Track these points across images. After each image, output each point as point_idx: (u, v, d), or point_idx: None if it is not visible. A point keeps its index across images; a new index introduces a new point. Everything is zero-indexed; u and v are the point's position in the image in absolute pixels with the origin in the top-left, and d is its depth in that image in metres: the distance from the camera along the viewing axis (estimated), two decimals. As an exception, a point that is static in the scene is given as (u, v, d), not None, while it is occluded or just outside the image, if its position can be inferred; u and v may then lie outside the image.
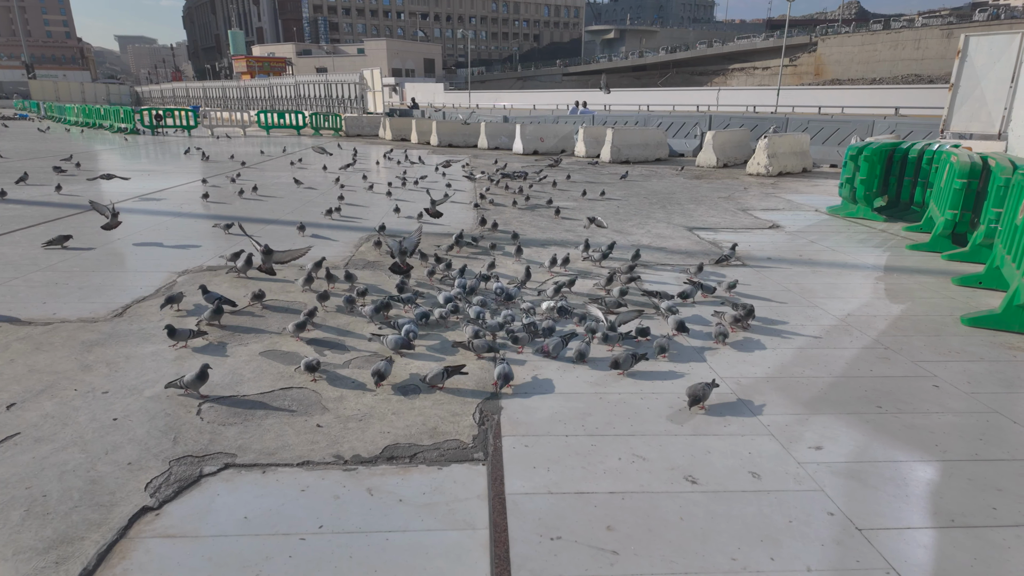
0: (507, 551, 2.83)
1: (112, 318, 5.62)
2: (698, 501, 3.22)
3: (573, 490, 3.29)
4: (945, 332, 5.68)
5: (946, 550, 2.91)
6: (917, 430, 3.96)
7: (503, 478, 3.37)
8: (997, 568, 2.79)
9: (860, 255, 8.51)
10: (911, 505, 3.25)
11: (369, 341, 5.20)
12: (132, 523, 2.99)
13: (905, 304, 6.47)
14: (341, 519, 3.03)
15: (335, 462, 3.51)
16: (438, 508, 3.12)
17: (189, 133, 30.53)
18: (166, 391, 4.24)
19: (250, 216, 10.23)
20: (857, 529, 3.03)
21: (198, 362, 4.73)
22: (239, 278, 6.86)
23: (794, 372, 4.79)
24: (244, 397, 4.25)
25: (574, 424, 3.94)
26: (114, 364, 4.68)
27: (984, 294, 6.75)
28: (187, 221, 9.97)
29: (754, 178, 16.44)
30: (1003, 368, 4.94)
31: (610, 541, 2.92)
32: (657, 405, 4.23)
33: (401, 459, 3.55)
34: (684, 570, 2.75)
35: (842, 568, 2.78)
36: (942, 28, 66.27)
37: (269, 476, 3.39)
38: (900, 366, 4.93)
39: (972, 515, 3.16)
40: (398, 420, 3.96)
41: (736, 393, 4.42)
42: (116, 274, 6.98)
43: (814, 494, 3.29)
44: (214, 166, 17.22)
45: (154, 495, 3.19)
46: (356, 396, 4.27)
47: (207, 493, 3.24)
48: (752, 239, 9.28)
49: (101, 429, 3.80)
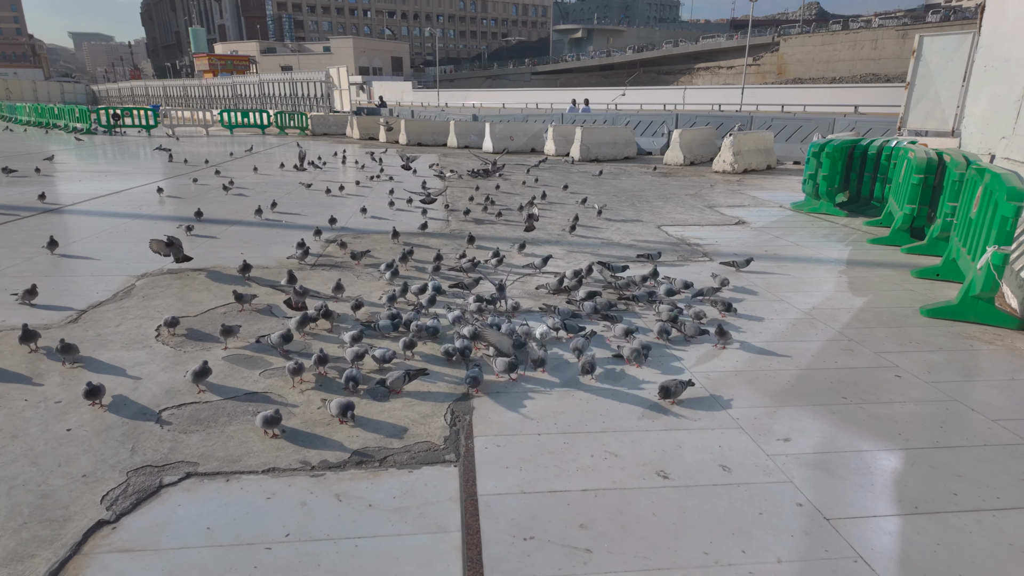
0: (480, 553, 2.79)
1: (67, 324, 5.39)
2: (670, 496, 3.23)
3: (546, 489, 3.27)
4: (906, 323, 5.83)
5: (910, 536, 2.97)
6: (881, 420, 4.04)
7: (475, 479, 3.33)
8: (959, 553, 2.86)
9: (823, 250, 8.70)
10: (876, 493, 3.31)
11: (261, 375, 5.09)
12: (87, 538, 2.86)
13: (867, 297, 6.63)
14: (308, 526, 2.95)
15: (302, 468, 3.42)
16: (409, 512, 3.06)
17: (149, 133, 29.66)
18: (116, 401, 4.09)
19: (212, 216, 9.96)
20: (825, 519, 3.07)
21: (160, 369, 4.57)
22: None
23: (762, 365, 4.85)
24: (207, 403, 4.12)
25: (547, 422, 3.92)
26: (68, 372, 4.49)
27: (942, 286, 6.95)
28: (146, 223, 9.66)
29: (720, 175, 16.69)
30: (961, 357, 5.09)
31: (584, 539, 2.90)
32: (629, 401, 4.23)
33: (371, 463, 3.47)
34: (657, 566, 2.75)
35: (811, 558, 2.81)
36: (897, 29, 68.39)
37: (233, 484, 3.28)
38: (864, 357, 5.03)
39: (934, 501, 3.23)
40: (367, 423, 3.88)
41: (706, 387, 4.46)
42: (71, 279, 6.71)
43: (783, 486, 3.33)
44: (182, 168, 16.74)
45: (110, 508, 3.06)
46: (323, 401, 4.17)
47: (167, 504, 3.12)
48: (719, 235, 9.41)
49: (54, 441, 3.64)
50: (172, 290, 6.34)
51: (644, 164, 19.30)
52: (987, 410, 4.19)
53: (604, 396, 4.30)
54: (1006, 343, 5.39)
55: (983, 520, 3.09)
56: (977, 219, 6.09)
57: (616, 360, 4.88)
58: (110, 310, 5.74)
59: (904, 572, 2.73)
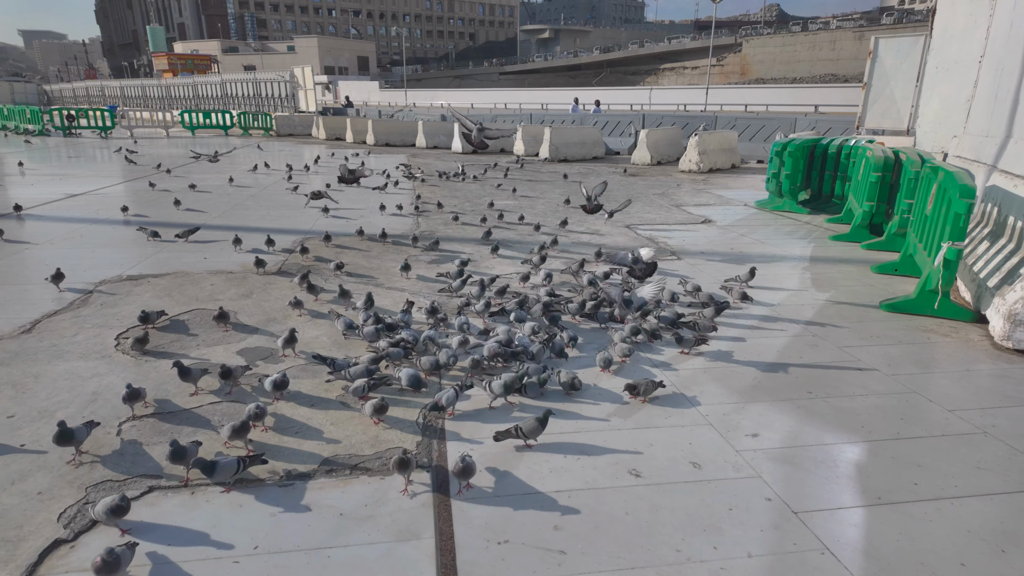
0: (453, 559, 2.77)
1: (19, 335, 5.18)
2: (642, 495, 3.25)
3: (519, 491, 3.26)
4: (867, 318, 6.00)
5: (874, 527, 3.05)
6: (844, 413, 4.14)
7: (448, 484, 3.30)
8: (920, 541, 2.94)
9: (787, 247, 8.89)
10: (841, 485, 3.39)
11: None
12: (43, 558, 2.75)
13: (830, 292, 6.80)
14: (278, 538, 2.89)
15: (270, 478, 3.34)
16: (381, 520, 3.02)
17: (105, 135, 28.72)
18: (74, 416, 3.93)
19: (174, 220, 9.69)
20: (793, 512, 3.13)
21: (120, 380, 4.43)
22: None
23: (730, 362, 4.93)
24: (170, 413, 4.00)
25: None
26: (21, 385, 4.31)
27: (900, 280, 7.17)
28: (104, 228, 9.35)
29: (686, 175, 16.94)
30: (918, 350, 5.25)
31: (557, 541, 2.90)
32: (601, 401, 4.26)
33: (341, 471, 3.42)
34: (631, 565, 2.77)
35: (780, 551, 2.87)
36: (854, 31, 70.40)
37: (199, 497, 3.19)
38: (827, 352, 5.16)
39: (896, 492, 3.33)
40: (337, 431, 3.82)
41: (676, 385, 4.51)
42: (23, 287, 6.45)
43: (752, 481, 3.39)
44: (145, 171, 16.25)
45: (68, 526, 2.95)
46: (291, 408, 4.09)
47: (129, 520, 3.01)
48: (686, 235, 9.54)
49: (5, 458, 3.48)
50: (131, 297, 6.14)
51: (612, 164, 19.47)
52: (944, 401, 4.33)
53: (576, 399, 4.31)
54: (961, 335, 5.59)
55: (943, 508, 3.19)
56: (932, 216, 6.30)
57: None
58: (66, 319, 5.53)
59: (869, 562, 2.81)
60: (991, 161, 7.26)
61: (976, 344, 5.39)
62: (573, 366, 4.77)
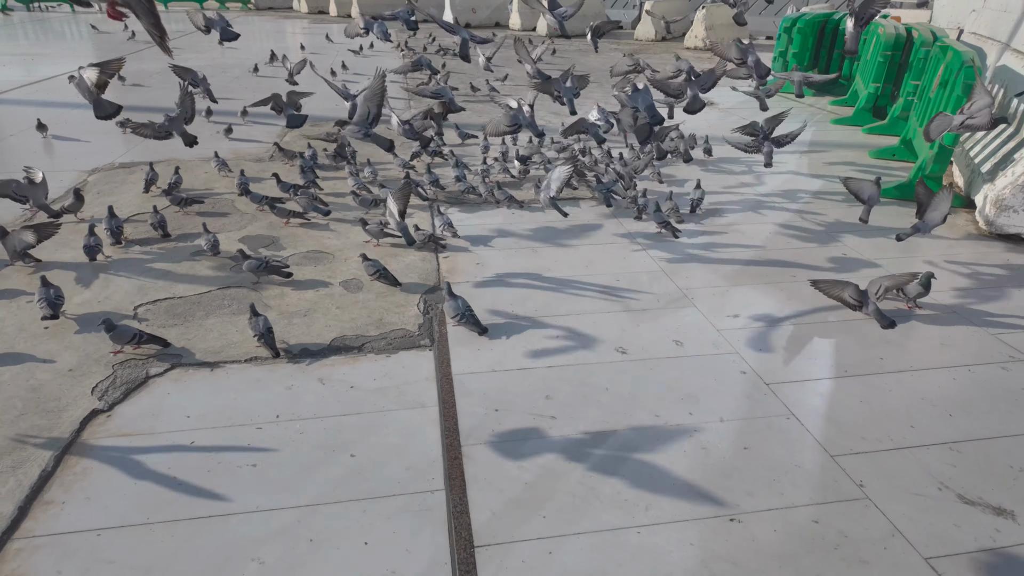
0: (456, 424, 3.07)
1: (23, 225, 5.25)
2: (627, 369, 3.53)
3: (515, 367, 3.53)
4: (858, 204, 6.07)
5: (837, 396, 3.35)
6: (823, 295, 4.35)
7: (450, 361, 3.56)
8: (878, 407, 3.25)
9: (788, 131, 8.73)
10: (813, 360, 3.67)
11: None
12: (84, 425, 3.04)
13: (826, 178, 6.82)
14: (295, 407, 3.18)
15: (283, 357, 3.60)
16: (389, 392, 3.30)
17: (72, 9, 26.79)
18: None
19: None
20: (765, 384, 3.43)
21: (128, 267, 4.58)
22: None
23: (721, 248, 5.08)
24: (180, 298, 4.20)
25: (516, 308, 4.13)
26: (31, 273, 4.46)
27: (897, 166, 7.16)
28: (87, 113, 9.06)
29: (692, 52, 16.16)
30: (904, 235, 5.39)
31: (549, 408, 3.20)
32: (592, 286, 4.45)
33: (349, 350, 3.67)
34: (614, 428, 3.08)
35: (750, 416, 3.18)
36: None
37: (218, 373, 3.46)
38: (815, 238, 5.30)
39: (863, 365, 3.61)
40: (343, 314, 4.03)
41: (664, 270, 4.69)
42: (16, 175, 6.41)
43: (730, 356, 3.66)
44: (122, 47, 15.40)
45: (102, 398, 3.22)
46: (297, 293, 4.28)
47: (157, 393, 3.29)
48: (688, 119, 9.31)
49: (33, 338, 3.71)
50: (127, 185, 6.15)
51: (614, 40, 18.47)
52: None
53: (569, 282, 4.51)
54: (948, 221, 5.69)
55: (902, 380, 3.49)
56: (936, 98, 6.18)
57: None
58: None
59: (828, 424, 3.12)
60: (1005, 39, 6.97)
61: (961, 229, 5.53)
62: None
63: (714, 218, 5.65)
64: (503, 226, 5.43)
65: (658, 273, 4.64)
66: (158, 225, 5.01)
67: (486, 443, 2.95)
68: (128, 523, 2.51)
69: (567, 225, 5.45)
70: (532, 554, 2.40)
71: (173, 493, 2.66)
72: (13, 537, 2.44)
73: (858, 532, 2.50)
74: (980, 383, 3.46)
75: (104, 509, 2.58)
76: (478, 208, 5.82)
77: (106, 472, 2.77)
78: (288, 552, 2.39)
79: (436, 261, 4.74)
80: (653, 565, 2.36)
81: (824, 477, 2.79)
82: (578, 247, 5.05)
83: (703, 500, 2.65)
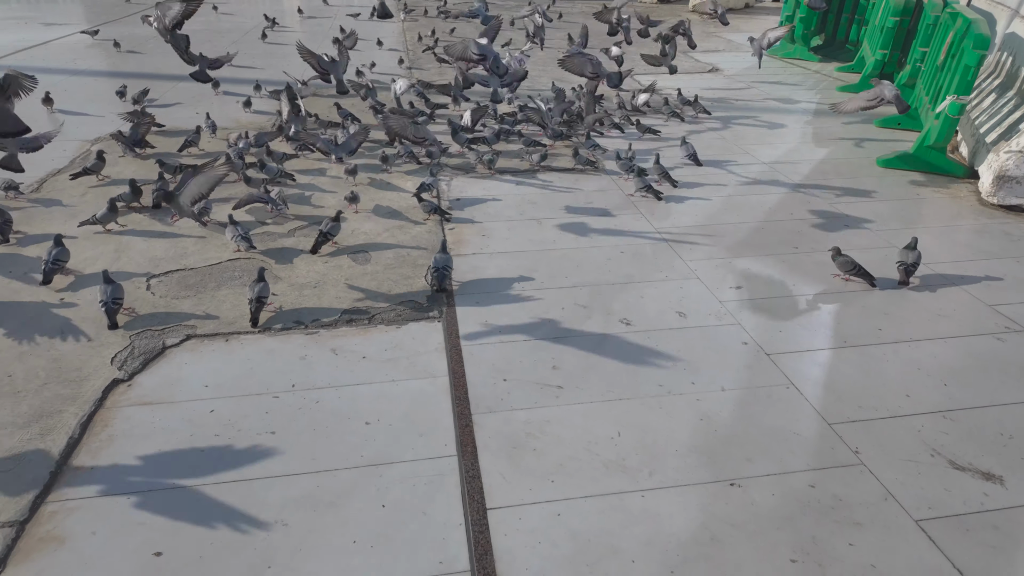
0: (466, 393, 3.18)
1: (29, 195, 5.29)
2: (632, 340, 3.62)
3: (522, 338, 3.62)
4: (861, 174, 6.09)
5: (836, 366, 3.45)
6: (825, 267, 4.42)
7: (458, 332, 3.65)
8: (875, 377, 3.35)
9: (793, 99, 8.68)
10: (813, 331, 3.76)
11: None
12: (106, 395, 3.14)
13: (828, 148, 6.81)
14: (310, 377, 3.28)
15: (296, 327, 3.68)
16: (400, 362, 3.40)
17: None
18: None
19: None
20: (766, 354, 3.52)
21: (139, 238, 4.64)
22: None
23: (723, 219, 5.13)
24: (191, 269, 4.26)
25: (522, 279, 4.20)
26: (44, 245, 4.51)
27: (901, 135, 7.15)
28: (86, 80, 9.00)
29: (697, 15, 15.84)
30: (906, 207, 5.44)
31: (555, 378, 3.30)
32: (597, 257, 4.52)
33: (360, 321, 3.75)
34: (618, 396, 3.18)
35: (751, 386, 3.28)
36: None
37: (233, 344, 3.55)
38: (818, 209, 5.34)
39: (861, 336, 3.70)
40: (353, 285, 4.10)
41: (669, 242, 4.75)
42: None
43: (732, 328, 3.75)
44: (119, 8, 15.09)
45: (122, 368, 3.32)
46: (306, 264, 4.35)
47: (174, 363, 3.39)
48: (692, 84, 9.23)
49: (47, 309, 3.79)
50: (127, 158, 6.14)
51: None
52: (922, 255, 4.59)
53: (573, 253, 4.57)
54: (950, 191, 5.74)
55: (899, 350, 3.58)
56: (943, 67, 6.13)
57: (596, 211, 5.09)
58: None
59: (826, 392, 3.23)
60: (1015, 5, 6.87)
61: (963, 200, 5.57)
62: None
63: (716, 188, 5.68)
64: (507, 197, 5.46)
65: (662, 244, 4.69)
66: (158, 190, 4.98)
67: (495, 411, 3.06)
68: (155, 487, 2.63)
69: (572, 196, 5.48)
70: (542, 516, 2.52)
71: (196, 459, 2.78)
72: (47, 500, 2.57)
73: (852, 496, 2.62)
74: (975, 353, 3.56)
75: (131, 474, 2.70)
76: (484, 178, 5.84)
77: (130, 439, 2.88)
78: (310, 515, 2.52)
79: (442, 232, 4.79)
80: (656, 527, 2.48)
81: (821, 444, 2.90)
82: (582, 218, 5.09)
83: (704, 466, 2.77)
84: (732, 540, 2.43)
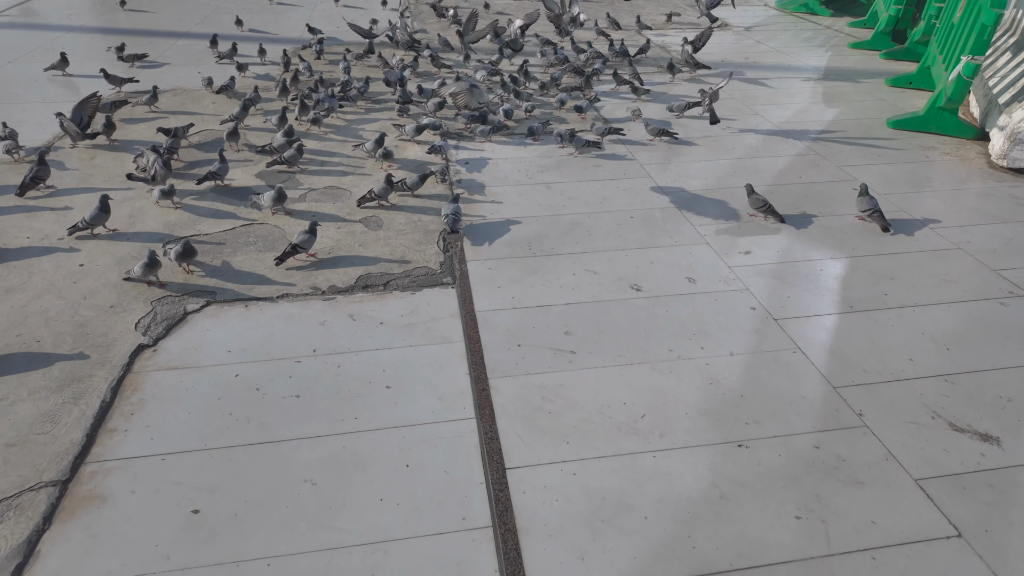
0: (481, 358, 3.27)
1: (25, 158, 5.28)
2: (642, 306, 3.70)
3: (535, 304, 3.70)
4: (871, 136, 6.06)
5: (842, 330, 3.53)
6: (833, 231, 4.46)
7: (472, 298, 3.72)
8: (880, 342, 3.44)
9: (803, 56, 8.53)
10: (820, 296, 3.83)
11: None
12: (133, 360, 3.24)
13: (839, 108, 6.75)
14: (330, 342, 3.37)
15: (313, 293, 3.76)
16: (417, 328, 3.49)
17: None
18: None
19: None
20: (774, 319, 3.60)
21: (152, 203, 4.66)
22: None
23: (731, 183, 5.13)
24: (206, 235, 4.31)
25: (532, 246, 4.25)
26: (62, 210, 4.55)
27: (912, 95, 7.06)
28: (82, 37, 8.83)
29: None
30: (914, 169, 5.43)
31: (568, 343, 3.39)
32: (607, 223, 4.55)
33: (376, 287, 3.82)
34: (629, 361, 3.28)
35: (758, 351, 3.37)
36: None
37: (253, 309, 3.63)
38: (827, 171, 5.34)
39: (867, 301, 3.77)
40: (366, 252, 4.16)
41: (677, 206, 4.77)
42: (22, 106, 6.36)
43: (740, 293, 3.82)
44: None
45: (146, 334, 3.40)
46: (320, 231, 4.38)
47: (196, 329, 3.48)
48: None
49: (70, 276, 3.86)
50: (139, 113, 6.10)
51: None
52: (928, 219, 4.63)
53: (583, 219, 4.60)
54: (960, 154, 5.72)
55: (904, 315, 3.66)
56: (959, 25, 6.01)
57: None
58: (79, 143, 5.58)
59: (832, 357, 3.32)
60: (1037, -42, 6.69)
61: (972, 162, 5.55)
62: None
63: (726, 152, 5.66)
64: (517, 161, 5.46)
65: (672, 210, 4.72)
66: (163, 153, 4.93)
67: (511, 376, 3.16)
68: (188, 449, 2.75)
69: (582, 160, 5.47)
70: (558, 475, 2.65)
71: (225, 422, 2.89)
72: (85, 462, 2.69)
73: (855, 456, 2.74)
74: (978, 318, 3.63)
75: (164, 436, 2.81)
76: (488, 142, 5.81)
77: (160, 403, 2.99)
78: (337, 475, 2.64)
79: (451, 191, 4.80)
80: (667, 485, 2.61)
81: (826, 407, 3.01)
82: (592, 183, 5.10)
83: (713, 428, 2.89)
84: (740, 498, 2.56)
